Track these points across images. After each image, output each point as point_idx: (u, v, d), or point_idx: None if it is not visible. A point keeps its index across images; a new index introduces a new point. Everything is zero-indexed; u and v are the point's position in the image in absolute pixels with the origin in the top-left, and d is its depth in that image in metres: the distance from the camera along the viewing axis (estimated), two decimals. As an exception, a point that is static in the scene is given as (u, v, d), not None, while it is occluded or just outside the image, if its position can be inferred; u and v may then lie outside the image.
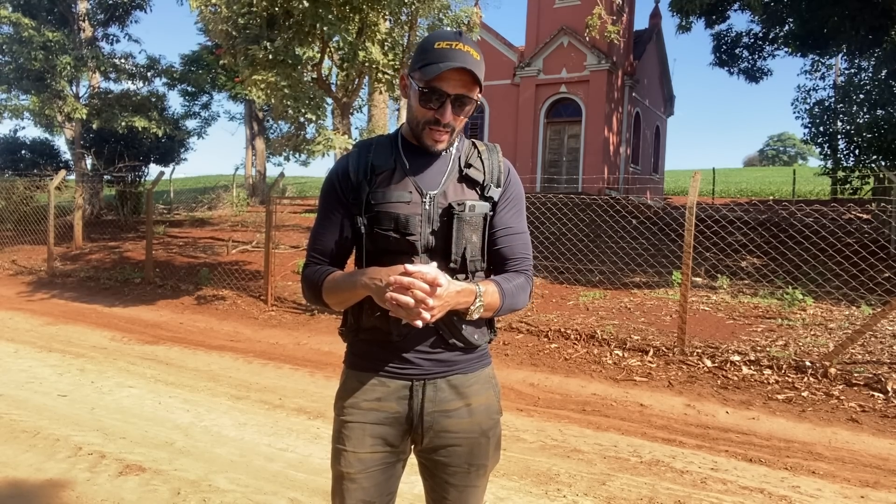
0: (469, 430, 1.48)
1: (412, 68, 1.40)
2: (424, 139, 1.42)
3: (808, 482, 3.29)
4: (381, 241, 1.42)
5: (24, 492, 2.96)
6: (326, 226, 1.50)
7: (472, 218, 1.43)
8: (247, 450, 3.49)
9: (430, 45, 1.37)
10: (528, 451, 3.59)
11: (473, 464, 1.50)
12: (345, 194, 1.46)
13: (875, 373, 4.72)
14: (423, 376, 1.44)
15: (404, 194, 1.42)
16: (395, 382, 1.44)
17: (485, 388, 1.52)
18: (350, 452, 1.43)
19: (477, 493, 1.54)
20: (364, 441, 1.43)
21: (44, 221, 11.15)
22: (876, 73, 14.98)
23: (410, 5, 7.83)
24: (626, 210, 10.74)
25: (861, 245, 7.18)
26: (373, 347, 1.45)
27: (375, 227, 1.41)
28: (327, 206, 1.50)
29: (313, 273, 1.48)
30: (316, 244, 1.52)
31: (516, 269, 1.53)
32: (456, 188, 1.45)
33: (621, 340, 5.71)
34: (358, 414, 1.45)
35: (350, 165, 1.46)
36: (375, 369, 1.45)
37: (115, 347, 6.02)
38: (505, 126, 20.63)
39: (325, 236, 1.50)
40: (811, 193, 24.50)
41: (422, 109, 1.38)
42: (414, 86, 1.39)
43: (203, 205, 20.10)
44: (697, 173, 5.77)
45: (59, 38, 13.02)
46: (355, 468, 1.43)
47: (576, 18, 18.35)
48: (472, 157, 1.49)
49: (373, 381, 1.45)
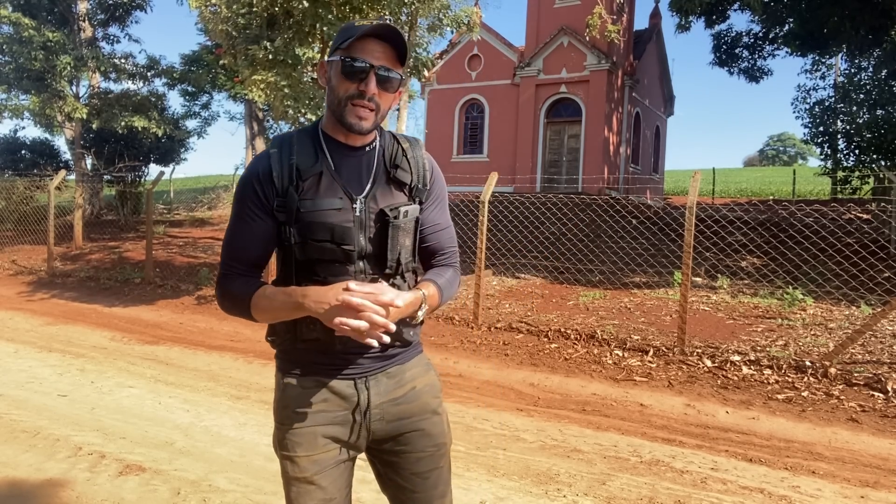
0: (420, 411, 1.50)
1: (332, 49, 1.37)
2: (347, 117, 1.34)
3: (808, 482, 3.29)
4: (314, 251, 1.36)
5: (24, 492, 2.96)
6: (245, 232, 1.39)
7: (405, 224, 1.41)
8: (247, 450, 3.49)
9: (350, 26, 1.36)
10: (528, 451, 3.59)
11: (433, 444, 1.50)
12: (267, 199, 1.36)
13: (875, 373, 4.72)
14: (363, 374, 1.44)
15: (335, 201, 1.35)
16: (338, 383, 1.42)
17: (424, 370, 1.54)
18: (303, 457, 1.40)
19: (443, 475, 1.53)
20: (316, 442, 1.41)
21: (44, 221, 11.14)
22: (876, 73, 15.00)
23: (410, 5, 7.84)
24: (626, 210, 10.75)
25: (861, 245, 7.19)
26: (311, 354, 1.41)
27: (309, 237, 1.35)
28: (245, 210, 1.38)
29: (239, 286, 1.38)
30: (234, 252, 1.41)
31: (445, 263, 1.54)
32: (385, 191, 1.41)
33: (621, 340, 5.72)
34: (305, 418, 1.41)
35: (273, 168, 1.35)
36: (316, 374, 1.42)
37: (115, 347, 6.02)
38: (505, 126, 20.63)
39: (244, 244, 1.40)
40: (811, 193, 24.50)
41: (345, 83, 1.33)
42: (336, 61, 1.34)
43: (203, 205, 20.11)
44: (697, 173, 5.77)
45: (59, 38, 13.03)
46: (311, 471, 1.40)
47: (576, 18, 18.36)
48: (397, 155, 1.45)
49: (314, 384, 1.41)
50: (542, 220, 9.44)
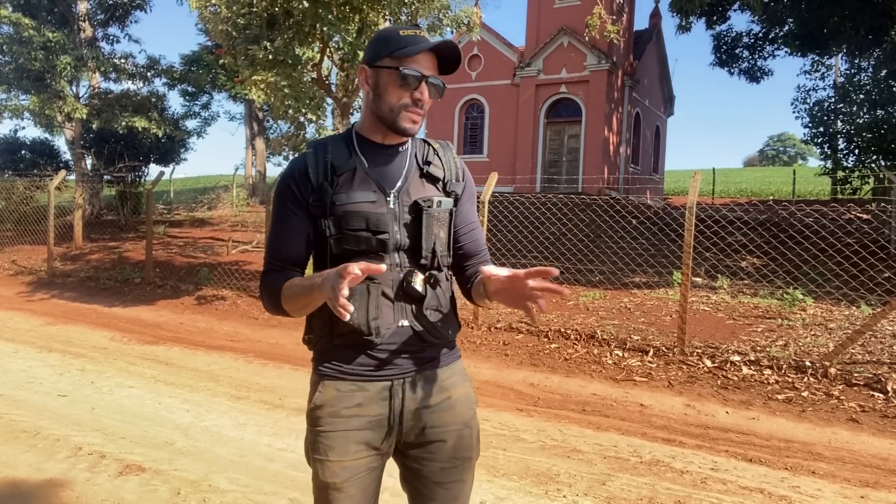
0: (452, 422, 1.47)
1: (378, 56, 1.40)
2: (401, 123, 1.40)
3: (808, 482, 3.29)
4: (350, 241, 1.38)
5: (24, 492, 2.96)
6: (285, 230, 1.44)
7: (439, 214, 1.44)
8: (247, 450, 3.49)
9: (394, 34, 1.40)
10: (528, 451, 3.59)
11: (459, 457, 1.48)
12: (304, 196, 1.41)
13: (875, 373, 4.72)
14: (402, 375, 1.43)
15: (369, 194, 1.40)
16: (374, 385, 1.41)
17: (461, 379, 1.53)
18: (335, 462, 1.39)
19: (464, 488, 1.52)
20: (348, 448, 1.40)
21: (44, 221, 11.14)
22: (876, 73, 15.00)
23: (410, 5, 7.83)
24: (626, 210, 10.75)
25: (861, 245, 7.19)
26: (348, 352, 1.41)
27: (344, 227, 1.38)
28: (284, 209, 1.43)
29: (274, 279, 1.42)
30: (275, 251, 1.45)
31: (486, 262, 1.58)
32: (418, 185, 1.45)
33: (621, 340, 5.72)
34: (339, 422, 1.40)
35: (309, 166, 1.41)
36: (353, 374, 1.41)
37: (115, 347, 6.02)
38: (505, 126, 20.63)
39: (284, 242, 1.44)
40: (811, 193, 24.50)
41: (399, 92, 1.38)
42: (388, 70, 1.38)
43: (203, 205, 20.11)
44: (697, 173, 5.77)
45: (59, 38, 13.02)
46: (341, 477, 1.39)
47: (576, 18, 18.36)
48: (428, 154, 1.51)
49: (351, 387, 1.41)
50: (542, 220, 9.44)
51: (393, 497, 2.54)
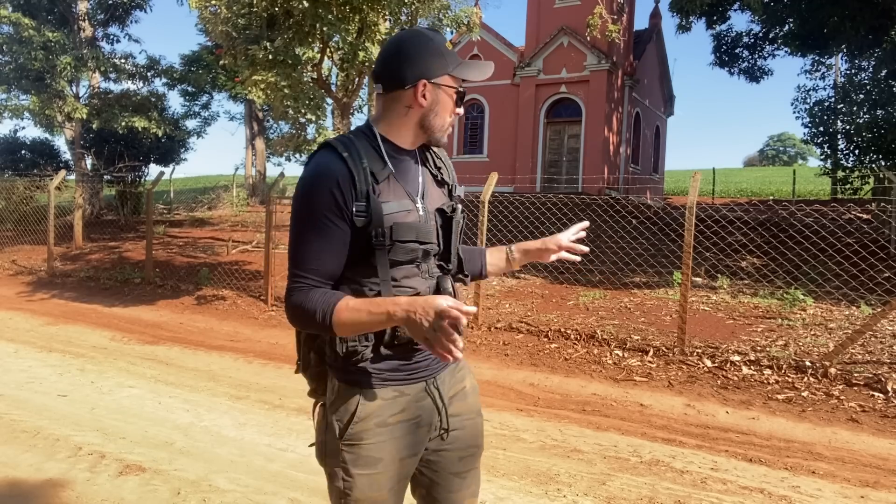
0: (468, 411, 1.54)
1: (438, 72, 1.38)
2: (444, 137, 1.46)
3: (808, 482, 3.29)
4: (400, 253, 1.35)
5: (24, 492, 2.96)
6: (327, 243, 1.32)
7: (460, 220, 1.48)
8: (247, 450, 3.49)
9: (443, 47, 1.40)
10: (528, 451, 3.59)
11: (474, 445, 1.55)
12: (347, 204, 1.30)
13: (875, 373, 4.72)
14: (433, 374, 1.46)
15: (405, 202, 1.37)
16: (412, 388, 1.42)
17: (467, 371, 1.60)
18: (381, 473, 1.38)
19: (477, 476, 1.58)
20: (399, 455, 1.40)
21: (44, 221, 11.14)
22: (876, 73, 14.99)
23: (410, 5, 7.83)
24: (626, 210, 10.74)
25: (861, 245, 7.18)
26: (389, 360, 1.39)
27: (395, 239, 1.33)
28: (323, 218, 1.30)
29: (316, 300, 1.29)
30: (308, 263, 1.32)
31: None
32: (433, 191, 1.47)
33: (621, 340, 5.71)
34: (387, 431, 1.38)
35: (354, 172, 1.31)
36: (394, 380, 1.40)
37: (115, 347, 6.02)
38: (505, 126, 20.63)
39: (324, 254, 1.32)
40: (811, 193, 24.50)
41: (452, 107, 1.43)
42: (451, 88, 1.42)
43: (203, 205, 20.11)
44: (697, 173, 5.77)
45: (59, 38, 13.02)
46: (387, 487, 1.39)
47: (576, 18, 18.36)
48: (435, 157, 1.52)
49: (393, 394, 1.40)
50: (542, 220, 9.42)
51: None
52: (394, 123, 1.42)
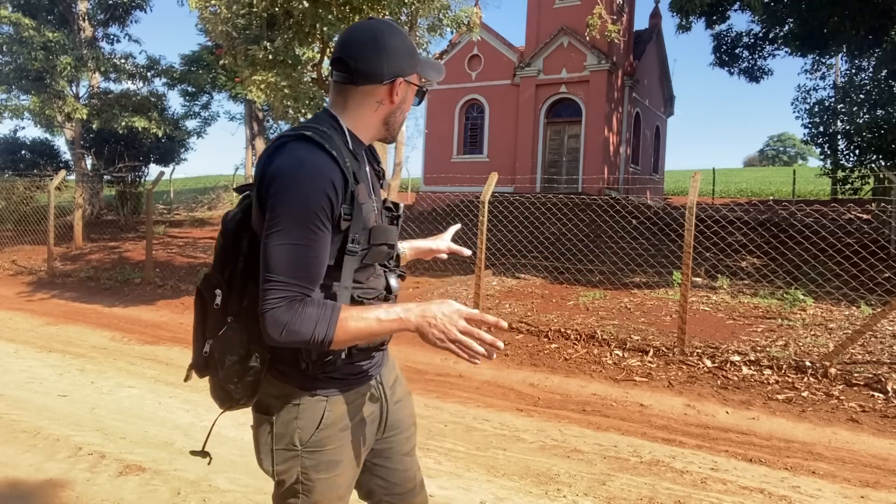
0: (405, 392, 1.60)
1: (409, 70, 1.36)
2: (395, 135, 1.43)
3: (808, 482, 3.29)
4: (374, 256, 1.33)
5: (24, 492, 2.96)
6: (318, 246, 1.21)
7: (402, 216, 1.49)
8: (247, 450, 3.49)
9: (412, 43, 1.39)
10: (528, 451, 3.59)
11: (413, 423, 1.61)
12: (336, 207, 1.22)
13: (875, 373, 4.72)
14: (378, 368, 1.48)
15: (370, 203, 1.33)
16: (366, 386, 1.44)
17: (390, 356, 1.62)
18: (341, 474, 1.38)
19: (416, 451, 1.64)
20: (359, 454, 1.42)
21: (44, 221, 11.14)
22: (876, 73, 14.99)
23: (410, 5, 7.83)
24: (626, 210, 10.74)
25: (861, 245, 7.18)
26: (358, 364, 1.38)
27: (372, 242, 1.31)
28: (319, 220, 1.20)
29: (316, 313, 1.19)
30: (301, 270, 1.19)
31: None
32: (376, 186, 1.44)
33: (621, 340, 5.71)
34: (347, 434, 1.37)
35: (345, 173, 1.24)
36: (355, 383, 1.39)
37: (115, 347, 6.02)
38: (505, 126, 20.63)
39: (317, 260, 1.21)
40: (811, 193, 24.51)
41: (410, 107, 1.43)
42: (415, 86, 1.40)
43: (203, 205, 20.12)
44: (697, 173, 5.77)
45: (59, 38, 13.03)
46: (347, 484, 1.42)
47: (576, 18, 18.36)
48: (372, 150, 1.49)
49: (354, 396, 1.39)
50: (542, 220, 9.43)
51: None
52: (361, 119, 1.35)
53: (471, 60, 21.23)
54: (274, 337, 1.18)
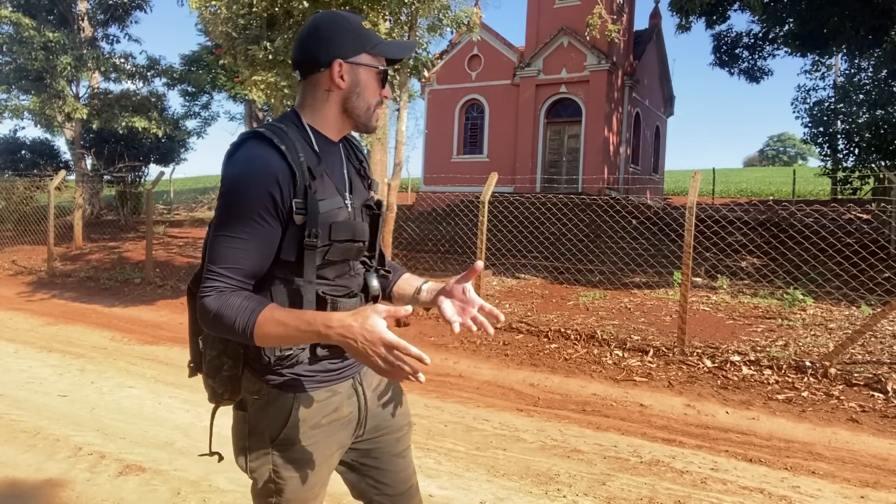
0: (397, 392, 1.56)
1: (356, 51, 1.32)
2: (373, 121, 1.39)
3: (808, 482, 3.29)
4: (337, 253, 1.32)
5: (24, 492, 2.96)
6: (255, 239, 1.23)
7: (384, 214, 1.47)
8: (247, 450, 3.49)
9: (359, 26, 1.34)
10: (528, 451, 3.59)
11: (406, 423, 1.57)
12: (283, 202, 1.23)
13: (875, 373, 4.72)
14: (359, 369, 1.46)
15: (337, 199, 1.33)
16: (343, 385, 1.41)
17: None
18: (312, 473, 1.37)
19: (411, 452, 1.60)
20: (327, 454, 1.40)
21: (44, 221, 11.14)
22: (876, 73, 14.99)
23: (410, 5, 7.83)
24: (626, 210, 10.74)
25: (861, 245, 7.19)
26: (325, 361, 1.37)
27: (333, 238, 1.30)
28: (254, 215, 1.22)
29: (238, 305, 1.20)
30: (232, 262, 1.22)
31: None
32: (358, 185, 1.43)
33: (621, 340, 5.71)
34: (319, 432, 1.36)
35: (294, 168, 1.24)
36: (326, 381, 1.38)
37: (115, 347, 6.02)
38: (505, 126, 20.62)
39: (250, 254, 1.23)
40: (811, 193, 24.50)
41: (375, 89, 1.37)
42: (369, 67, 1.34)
43: (203, 205, 20.11)
44: (697, 173, 5.77)
45: (59, 38, 13.03)
46: (318, 485, 1.40)
47: (576, 18, 18.35)
48: (356, 147, 1.49)
49: (326, 394, 1.37)
50: (542, 220, 9.43)
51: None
52: (317, 111, 1.35)
53: (471, 60, 21.23)
54: (204, 323, 1.24)
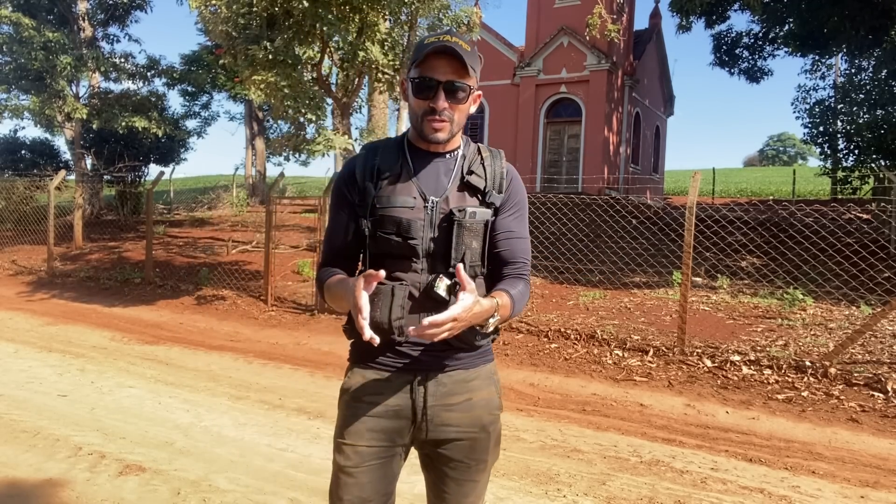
0: (470, 424, 1.50)
1: (411, 66, 1.45)
2: (425, 131, 1.44)
3: (808, 482, 3.29)
4: (383, 244, 1.45)
5: (24, 492, 2.96)
6: (336, 226, 1.55)
7: (472, 224, 1.45)
8: (247, 450, 3.49)
9: (420, 43, 1.42)
10: (528, 451, 3.59)
11: (473, 458, 1.52)
12: (351, 196, 1.50)
13: (875, 373, 4.72)
14: (425, 371, 1.47)
15: (408, 199, 1.45)
16: (397, 377, 1.47)
17: (486, 383, 1.54)
18: (349, 445, 1.45)
19: (477, 488, 1.56)
20: (363, 434, 1.45)
21: (44, 221, 11.14)
22: (876, 73, 15.00)
23: (410, 5, 7.83)
24: (626, 210, 10.74)
25: (861, 245, 7.18)
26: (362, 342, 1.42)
27: (379, 230, 1.45)
28: (336, 206, 1.54)
29: (322, 274, 1.54)
30: (328, 244, 1.58)
31: (517, 274, 1.56)
32: (457, 195, 1.48)
33: (621, 340, 5.71)
34: (359, 408, 1.47)
35: (357, 168, 1.50)
36: (378, 364, 1.48)
37: (115, 347, 6.02)
38: (505, 126, 20.62)
39: (335, 237, 1.55)
40: (811, 193, 24.50)
41: (417, 101, 1.43)
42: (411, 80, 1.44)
43: (203, 205, 20.10)
44: (697, 173, 5.77)
45: (59, 38, 13.03)
46: (353, 461, 1.44)
47: (576, 18, 18.35)
48: (475, 163, 1.51)
49: (375, 376, 1.48)
50: (542, 220, 9.42)
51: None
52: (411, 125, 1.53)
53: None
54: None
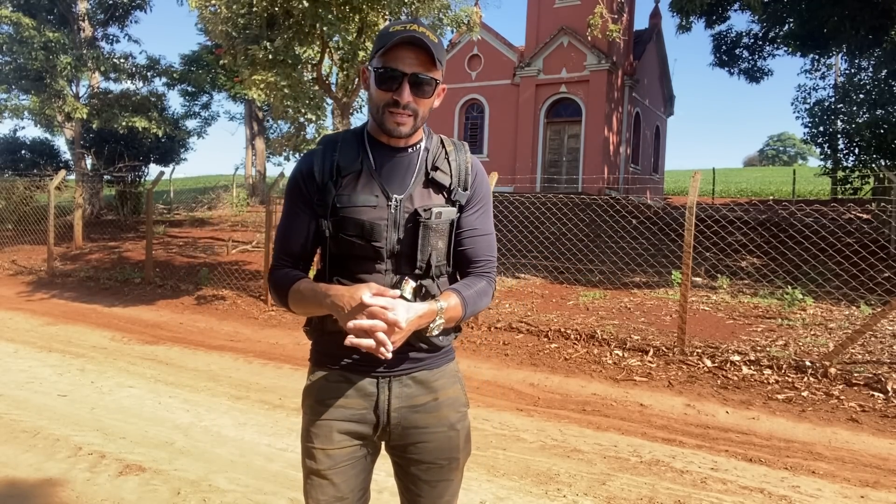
0: (438, 423, 1.48)
1: (371, 57, 1.38)
2: (386, 123, 1.36)
3: (808, 482, 3.29)
4: (345, 245, 1.39)
5: (24, 492, 2.96)
6: (292, 226, 1.46)
7: (438, 225, 1.40)
8: (247, 450, 3.49)
9: (385, 31, 1.34)
10: (528, 451, 3.59)
11: (444, 458, 1.49)
12: (310, 194, 1.42)
13: (875, 373, 4.72)
14: (388, 373, 1.44)
15: (370, 198, 1.38)
16: (360, 379, 1.43)
17: (451, 381, 1.52)
18: (319, 449, 1.43)
19: (451, 487, 1.54)
20: (332, 437, 1.43)
21: (44, 221, 11.14)
22: (876, 73, 15.00)
23: (410, 5, 7.83)
24: (626, 210, 10.74)
25: (861, 245, 7.18)
26: (338, 348, 1.39)
27: (340, 232, 1.38)
28: (292, 205, 1.46)
29: (281, 277, 1.45)
30: (282, 245, 1.48)
31: (479, 272, 1.50)
32: (422, 193, 1.42)
33: (621, 340, 5.71)
34: (324, 411, 1.44)
35: (315, 165, 1.41)
36: (341, 366, 1.44)
37: (115, 347, 6.02)
38: (505, 126, 20.62)
39: (290, 237, 1.47)
40: (811, 193, 24.50)
41: (380, 92, 1.34)
42: (374, 70, 1.35)
43: (203, 205, 20.10)
44: (697, 173, 5.77)
45: (59, 38, 13.03)
46: (325, 465, 1.42)
47: (576, 18, 18.35)
48: (439, 158, 1.45)
49: (338, 379, 1.44)
50: (542, 220, 9.43)
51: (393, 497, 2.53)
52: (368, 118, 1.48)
53: (471, 60, 21.23)
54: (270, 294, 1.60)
